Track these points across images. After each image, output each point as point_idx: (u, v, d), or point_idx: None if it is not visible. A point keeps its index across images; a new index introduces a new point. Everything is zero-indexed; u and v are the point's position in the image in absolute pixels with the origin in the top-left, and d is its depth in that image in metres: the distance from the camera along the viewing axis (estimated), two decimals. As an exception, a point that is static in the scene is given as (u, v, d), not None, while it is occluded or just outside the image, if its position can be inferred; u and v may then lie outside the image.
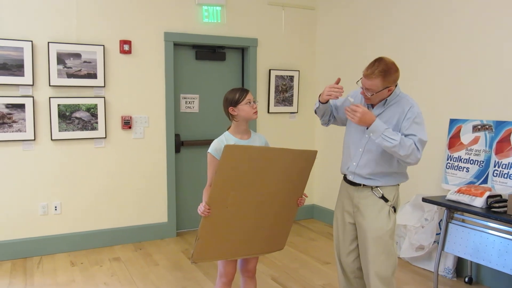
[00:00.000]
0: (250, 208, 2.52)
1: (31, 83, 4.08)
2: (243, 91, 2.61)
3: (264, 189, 2.51)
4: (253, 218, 2.56)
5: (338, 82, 2.59)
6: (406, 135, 2.46)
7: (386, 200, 2.61)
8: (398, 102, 2.56)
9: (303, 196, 2.68)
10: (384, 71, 2.42)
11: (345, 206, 2.76)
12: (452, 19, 3.80)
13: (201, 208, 2.39)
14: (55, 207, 4.30)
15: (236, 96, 2.58)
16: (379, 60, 2.47)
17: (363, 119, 2.43)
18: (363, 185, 2.64)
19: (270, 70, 5.18)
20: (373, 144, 2.56)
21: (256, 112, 2.61)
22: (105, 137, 4.44)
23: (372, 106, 2.63)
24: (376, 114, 2.56)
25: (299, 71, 5.34)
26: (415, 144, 2.43)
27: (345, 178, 2.78)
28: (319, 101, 2.70)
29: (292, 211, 2.70)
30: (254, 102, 2.61)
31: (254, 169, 2.43)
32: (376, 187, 2.62)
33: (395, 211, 2.66)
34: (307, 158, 2.61)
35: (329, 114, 2.83)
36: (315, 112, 2.83)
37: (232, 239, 2.55)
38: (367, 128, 2.46)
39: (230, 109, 2.60)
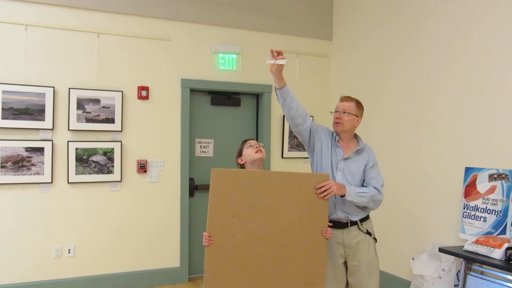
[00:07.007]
0: (262, 239, 2.45)
1: (51, 127, 4.19)
2: (244, 141, 2.89)
3: (274, 218, 2.47)
4: (269, 251, 2.47)
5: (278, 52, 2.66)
6: (370, 178, 2.86)
7: (370, 234, 2.90)
8: (364, 150, 2.93)
9: (328, 227, 2.59)
10: (357, 101, 2.93)
11: (335, 250, 2.87)
12: (463, 65, 3.84)
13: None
14: (69, 250, 4.30)
15: (239, 147, 2.89)
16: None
17: (338, 189, 2.66)
18: (350, 223, 2.83)
19: (284, 115, 5.24)
20: (345, 180, 2.82)
21: (258, 151, 2.78)
22: (121, 181, 4.48)
23: (342, 149, 2.91)
24: (351, 156, 2.88)
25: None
26: (377, 189, 2.82)
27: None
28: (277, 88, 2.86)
29: (320, 245, 2.55)
30: (258, 145, 2.80)
31: (252, 194, 2.43)
32: (361, 223, 2.87)
33: (375, 241, 2.96)
34: (318, 183, 2.55)
35: (302, 117, 3.03)
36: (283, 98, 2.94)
37: (249, 274, 2.44)
38: (341, 197, 2.73)
39: (239, 159, 2.85)
